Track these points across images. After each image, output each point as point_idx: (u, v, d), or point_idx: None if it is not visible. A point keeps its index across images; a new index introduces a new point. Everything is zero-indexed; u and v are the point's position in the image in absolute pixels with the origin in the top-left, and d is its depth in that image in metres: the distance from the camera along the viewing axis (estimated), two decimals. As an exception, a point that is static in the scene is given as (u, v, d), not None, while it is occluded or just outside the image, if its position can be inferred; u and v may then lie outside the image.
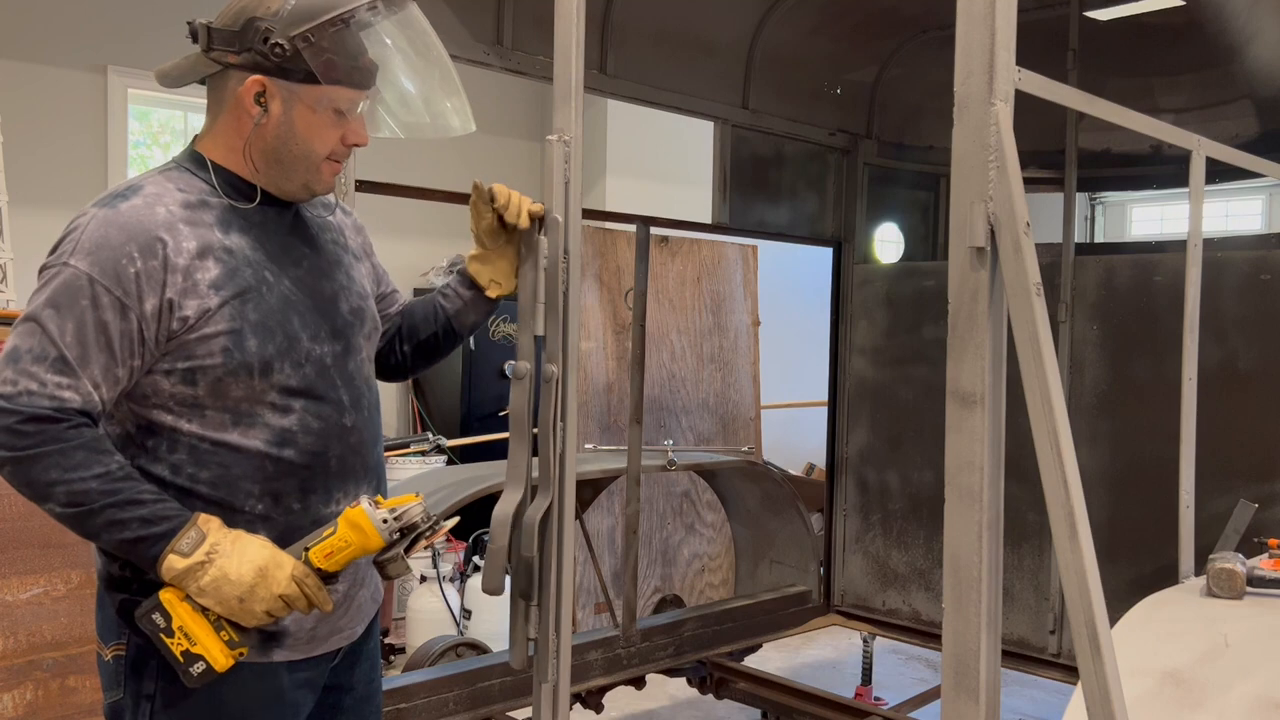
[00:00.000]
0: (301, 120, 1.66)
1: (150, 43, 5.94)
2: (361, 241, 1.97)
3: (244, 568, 1.57)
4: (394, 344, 2.05)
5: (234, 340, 1.61)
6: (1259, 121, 4.08)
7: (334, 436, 1.73)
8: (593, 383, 5.65)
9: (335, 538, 1.63)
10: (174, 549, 1.54)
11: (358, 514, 1.64)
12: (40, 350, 1.53)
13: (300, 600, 1.61)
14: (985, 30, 1.41)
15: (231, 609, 1.57)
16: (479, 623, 4.94)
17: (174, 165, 1.72)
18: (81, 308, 1.54)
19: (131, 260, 1.56)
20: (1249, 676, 1.97)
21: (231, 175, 1.71)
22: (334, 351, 1.75)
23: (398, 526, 1.65)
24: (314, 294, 1.75)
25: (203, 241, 1.62)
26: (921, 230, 4.94)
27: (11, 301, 4.22)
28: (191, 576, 1.55)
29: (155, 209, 1.61)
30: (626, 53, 3.71)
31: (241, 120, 1.68)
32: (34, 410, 1.51)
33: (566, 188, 1.96)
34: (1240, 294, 3.50)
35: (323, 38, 1.62)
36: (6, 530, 3.15)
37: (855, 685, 4.63)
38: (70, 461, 1.51)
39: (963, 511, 1.42)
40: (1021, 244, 1.37)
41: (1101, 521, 3.62)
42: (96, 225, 1.58)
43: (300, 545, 1.64)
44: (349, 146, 1.72)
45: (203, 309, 1.60)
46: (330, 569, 1.63)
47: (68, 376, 1.53)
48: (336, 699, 1.86)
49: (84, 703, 3.17)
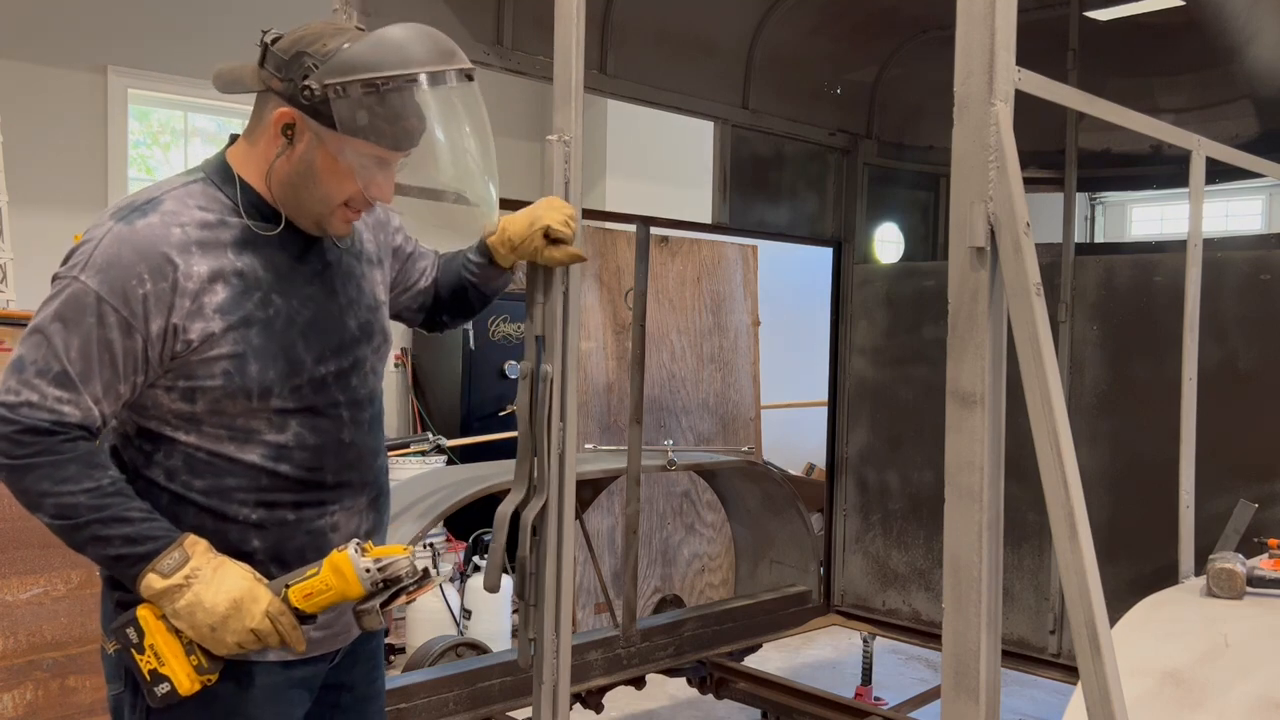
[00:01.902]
0: (323, 163, 1.64)
1: (150, 43, 5.95)
2: (381, 240, 1.94)
3: (219, 597, 1.56)
4: (437, 316, 2.12)
5: (236, 365, 1.62)
6: (1259, 121, 4.08)
7: (331, 452, 1.73)
8: (593, 383, 5.65)
9: (317, 579, 1.62)
10: (154, 568, 1.55)
11: (342, 559, 1.62)
12: (44, 364, 1.54)
13: (272, 636, 1.60)
14: (985, 30, 1.41)
15: (203, 636, 1.57)
16: (479, 623, 4.94)
17: (200, 177, 1.70)
18: (88, 325, 1.55)
19: (141, 281, 1.56)
20: (1249, 676, 1.97)
21: (256, 197, 1.69)
22: (338, 369, 1.74)
23: (381, 578, 1.63)
24: (322, 312, 1.74)
25: (214, 265, 1.62)
26: (921, 230, 4.94)
27: (11, 302, 4.22)
28: (168, 598, 1.56)
29: (171, 229, 1.60)
30: (626, 53, 3.71)
31: (270, 145, 1.66)
32: (33, 422, 1.53)
33: (566, 188, 1.96)
34: (1240, 294, 3.50)
35: (356, 93, 1.57)
36: (6, 530, 3.15)
37: (855, 685, 4.63)
38: (62, 474, 1.53)
39: (963, 511, 1.42)
40: (1021, 244, 1.37)
41: (1101, 521, 3.62)
42: (110, 241, 1.57)
43: (281, 581, 1.63)
44: (372, 199, 1.68)
45: (206, 332, 1.60)
46: (308, 610, 1.62)
47: (69, 391, 1.54)
48: (335, 698, 1.86)
49: (84, 703, 3.18)
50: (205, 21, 6.07)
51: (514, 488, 1.95)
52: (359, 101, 1.57)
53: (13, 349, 3.37)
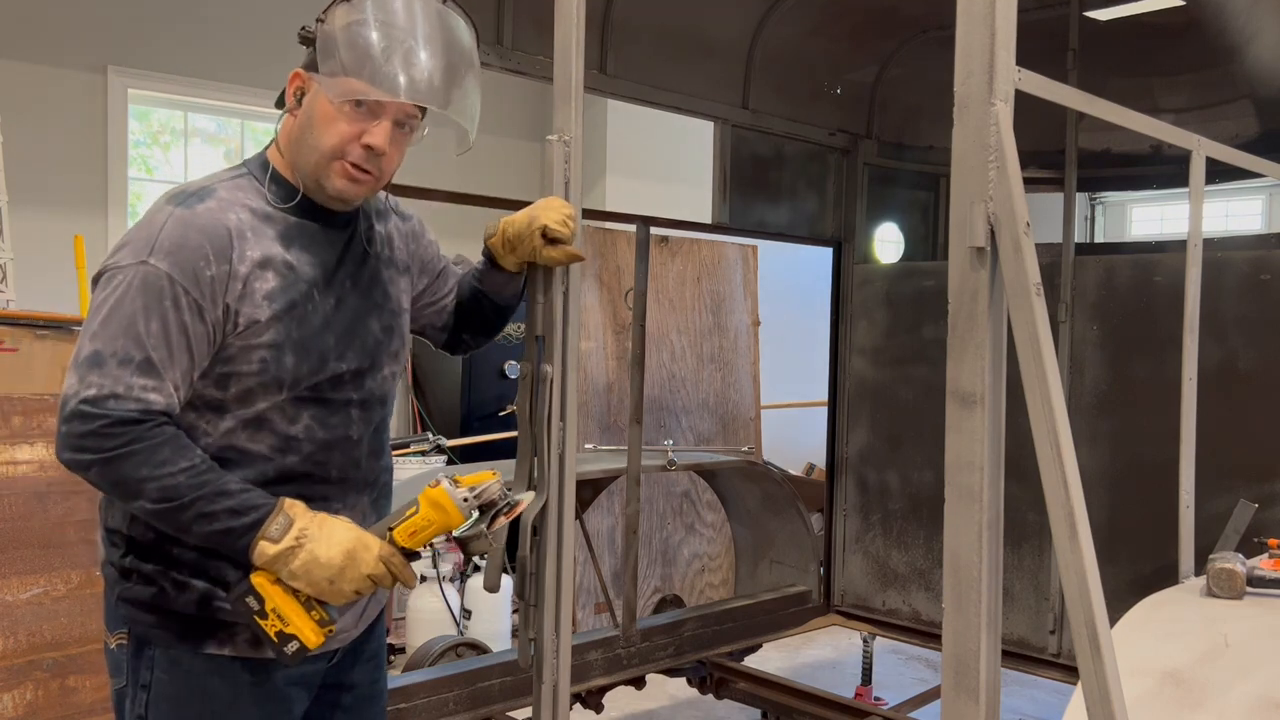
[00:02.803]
0: (320, 110, 1.66)
1: (150, 43, 5.95)
2: (412, 250, 1.96)
3: (333, 551, 1.60)
4: (459, 335, 2.10)
5: (274, 355, 1.63)
6: (1259, 121, 4.08)
7: (338, 448, 1.74)
8: (593, 383, 5.65)
9: (418, 516, 1.67)
10: (264, 535, 1.57)
11: (439, 493, 1.67)
12: (125, 353, 1.54)
13: (386, 579, 1.65)
14: (985, 30, 1.41)
15: (321, 590, 1.60)
16: (479, 623, 4.94)
17: (244, 172, 1.73)
18: (165, 309, 1.56)
19: (209, 263, 1.58)
20: (1249, 676, 1.97)
21: (281, 178, 1.72)
22: (358, 368, 1.76)
23: (477, 504, 1.70)
24: (352, 312, 1.76)
25: (266, 252, 1.64)
26: (921, 230, 4.94)
27: (11, 302, 4.21)
28: (282, 561, 1.58)
29: (229, 214, 1.63)
30: (626, 53, 3.71)
31: (291, 121, 1.71)
32: (121, 414, 1.53)
33: (566, 188, 1.96)
34: (1240, 294, 3.50)
35: (335, 28, 1.63)
36: (6, 530, 3.15)
37: (855, 685, 4.63)
38: (158, 458, 1.54)
39: (963, 511, 1.42)
40: (1021, 244, 1.37)
41: (1101, 521, 3.62)
42: (175, 225, 1.59)
43: (384, 524, 1.68)
44: (365, 148, 1.67)
45: (253, 319, 1.62)
46: (413, 547, 1.67)
47: (153, 379, 1.55)
48: (336, 697, 1.86)
49: (84, 703, 3.17)
50: (205, 21, 6.06)
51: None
52: (339, 36, 1.62)
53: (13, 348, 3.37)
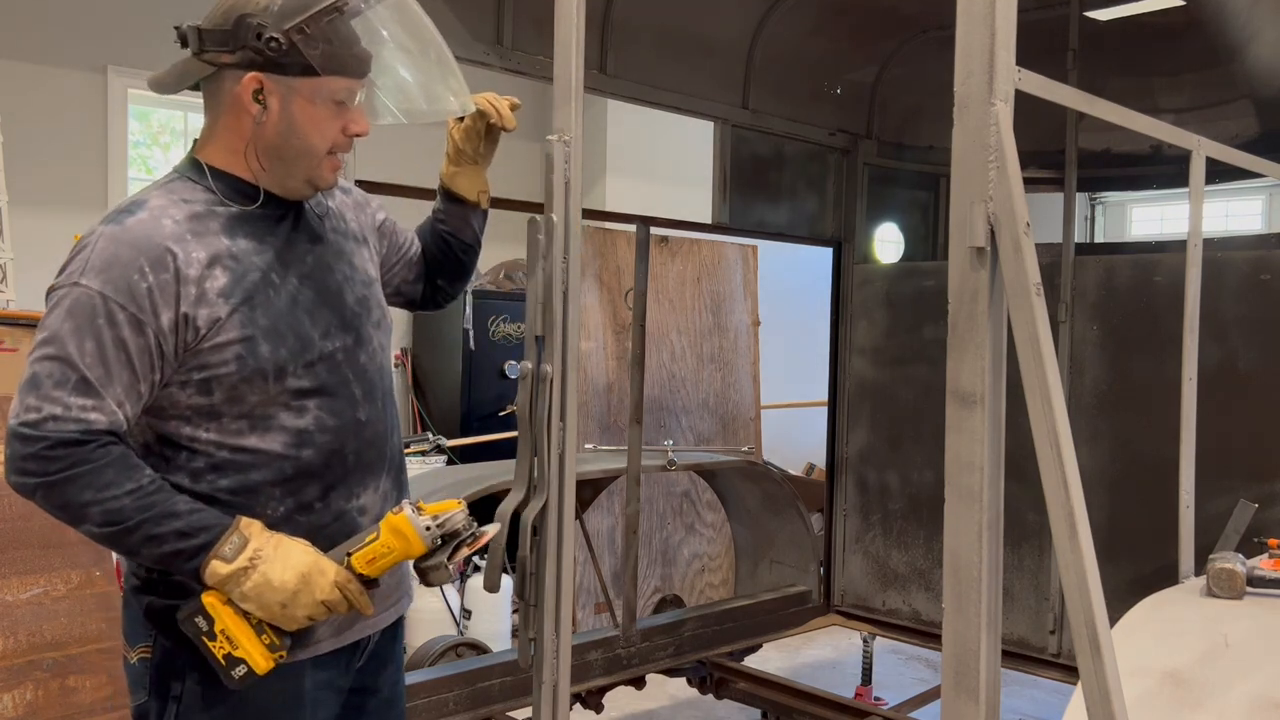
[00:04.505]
0: (301, 114, 1.65)
1: (150, 43, 5.93)
2: (363, 220, 1.95)
3: (287, 574, 1.57)
4: (433, 282, 2.10)
5: (247, 347, 1.61)
6: (1259, 121, 4.08)
7: (350, 432, 1.73)
8: (593, 383, 5.65)
9: (378, 543, 1.63)
10: (217, 554, 1.55)
11: (400, 520, 1.64)
12: (61, 375, 1.52)
13: (342, 605, 1.61)
14: (985, 30, 1.41)
15: (273, 614, 1.57)
16: (479, 623, 4.94)
17: (176, 176, 1.71)
18: (98, 326, 1.53)
19: (143, 275, 1.55)
20: (1249, 676, 1.97)
21: (232, 179, 1.70)
22: (345, 345, 1.75)
23: (440, 533, 1.65)
24: (321, 289, 1.75)
25: (211, 250, 1.62)
26: (921, 230, 4.94)
27: (11, 302, 4.22)
28: (234, 582, 1.56)
29: (161, 222, 1.60)
30: (626, 53, 3.71)
31: (241, 120, 1.66)
32: (61, 435, 1.50)
33: (566, 188, 1.96)
34: (1240, 294, 3.50)
35: (316, 28, 1.61)
36: (6, 530, 3.15)
37: (855, 685, 4.63)
38: (102, 480, 1.51)
39: (963, 511, 1.42)
40: (1021, 244, 1.37)
41: (1101, 521, 3.62)
42: (105, 243, 1.57)
43: (343, 549, 1.65)
44: (350, 137, 1.71)
45: (213, 318, 1.59)
46: (372, 574, 1.64)
47: (91, 398, 1.52)
48: (361, 701, 1.86)
49: (84, 703, 3.17)
50: (205, 21, 6.06)
51: (514, 488, 1.96)
52: (323, 36, 1.61)
53: (13, 348, 3.36)
